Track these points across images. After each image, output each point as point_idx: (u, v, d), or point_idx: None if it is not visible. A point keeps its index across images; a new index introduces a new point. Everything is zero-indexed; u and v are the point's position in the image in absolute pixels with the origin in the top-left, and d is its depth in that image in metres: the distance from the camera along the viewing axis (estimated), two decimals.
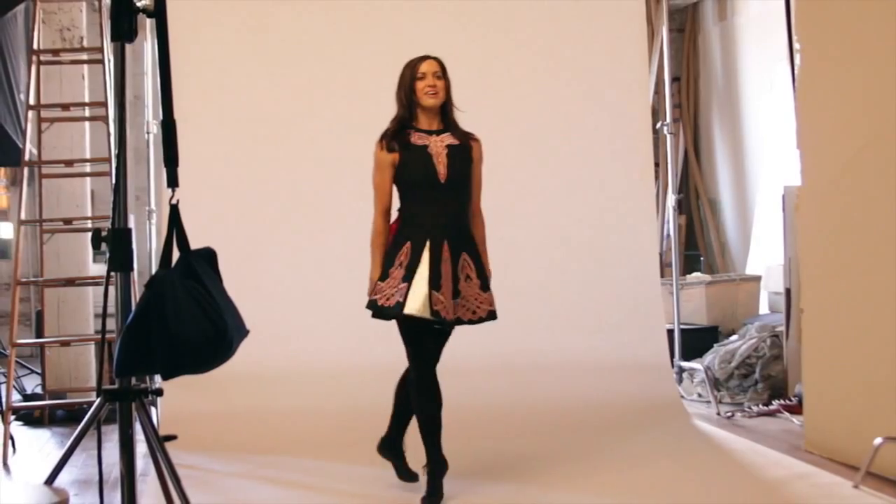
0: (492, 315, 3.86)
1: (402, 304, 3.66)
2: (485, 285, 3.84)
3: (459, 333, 4.08)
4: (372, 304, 3.79)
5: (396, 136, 3.82)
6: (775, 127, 7.50)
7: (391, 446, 4.06)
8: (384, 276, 3.76)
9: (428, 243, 3.72)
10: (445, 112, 3.87)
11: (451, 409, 4.97)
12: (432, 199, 3.78)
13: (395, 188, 3.87)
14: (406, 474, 4.03)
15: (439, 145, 3.81)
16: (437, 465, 3.82)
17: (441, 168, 3.77)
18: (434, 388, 3.80)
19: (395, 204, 3.90)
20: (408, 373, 3.92)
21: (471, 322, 3.82)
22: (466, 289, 3.79)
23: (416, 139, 3.81)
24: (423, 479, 3.87)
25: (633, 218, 5.72)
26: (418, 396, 3.81)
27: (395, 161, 3.79)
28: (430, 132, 3.83)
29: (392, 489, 3.98)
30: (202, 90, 5.33)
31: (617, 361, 5.51)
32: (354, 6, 5.54)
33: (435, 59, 3.84)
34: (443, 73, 3.83)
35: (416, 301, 3.65)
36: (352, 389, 4.51)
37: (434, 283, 3.67)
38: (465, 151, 3.85)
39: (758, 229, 7.79)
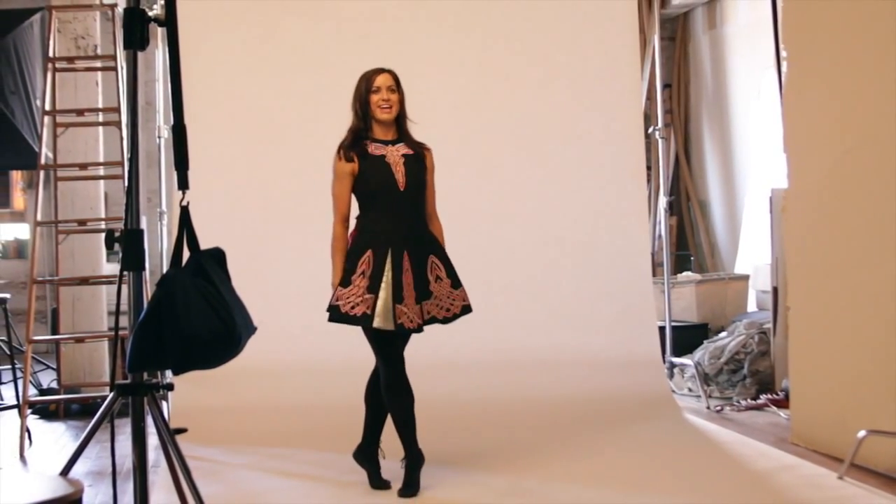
0: (466, 309, 3.96)
1: (369, 317, 3.76)
2: (456, 283, 3.94)
3: (455, 331, 4.13)
4: (334, 310, 3.84)
5: (353, 147, 3.88)
6: (763, 132, 7.52)
7: (366, 454, 4.08)
8: (346, 282, 3.82)
9: (390, 254, 3.80)
10: (400, 123, 3.93)
11: (448, 403, 5.06)
12: (392, 207, 3.86)
13: (353, 197, 3.94)
14: (379, 482, 4.02)
15: (396, 155, 3.88)
16: (413, 458, 3.90)
17: (400, 177, 3.85)
18: (406, 386, 3.88)
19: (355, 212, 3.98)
20: (371, 381, 4.02)
21: (445, 320, 3.91)
22: (438, 289, 3.90)
23: (373, 149, 3.87)
24: (400, 472, 3.93)
25: (625, 219, 5.77)
26: (392, 395, 3.89)
27: (354, 170, 3.86)
28: (385, 142, 3.90)
29: (397, 482, 3.98)
30: (211, 96, 5.39)
31: (610, 358, 5.57)
32: (358, 14, 5.61)
33: (389, 71, 3.89)
34: (397, 86, 3.88)
35: (381, 315, 3.75)
36: (357, 384, 4.53)
37: (397, 296, 3.77)
38: (419, 161, 3.92)
39: (746, 230, 7.79)
